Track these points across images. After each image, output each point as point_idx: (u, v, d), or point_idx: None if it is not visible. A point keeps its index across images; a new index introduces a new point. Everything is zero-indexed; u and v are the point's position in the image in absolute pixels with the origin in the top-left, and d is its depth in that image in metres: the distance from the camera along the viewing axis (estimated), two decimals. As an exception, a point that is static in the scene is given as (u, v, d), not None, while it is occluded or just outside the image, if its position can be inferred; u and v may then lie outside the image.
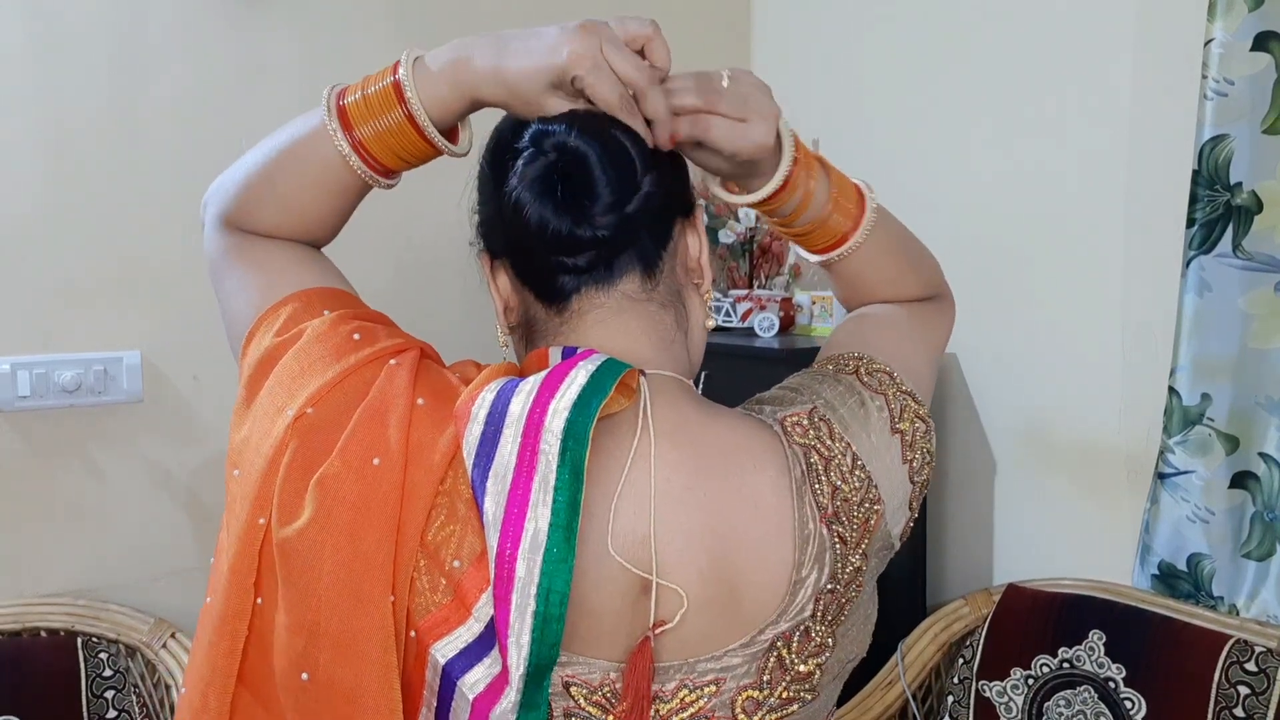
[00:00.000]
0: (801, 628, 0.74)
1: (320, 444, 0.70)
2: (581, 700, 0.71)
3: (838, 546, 0.75)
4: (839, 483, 0.76)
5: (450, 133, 0.79)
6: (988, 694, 1.66)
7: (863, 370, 0.83)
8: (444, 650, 0.68)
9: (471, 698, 0.68)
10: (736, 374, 0.95)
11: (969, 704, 1.67)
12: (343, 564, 0.67)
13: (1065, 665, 1.61)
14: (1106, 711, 1.56)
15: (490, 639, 0.68)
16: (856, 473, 0.77)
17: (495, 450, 0.68)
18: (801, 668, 0.74)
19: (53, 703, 1.56)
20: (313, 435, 0.70)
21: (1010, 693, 1.64)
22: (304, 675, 0.68)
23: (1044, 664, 1.62)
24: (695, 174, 0.83)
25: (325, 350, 0.74)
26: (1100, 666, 1.58)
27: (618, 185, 0.74)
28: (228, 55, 1.75)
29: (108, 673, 1.61)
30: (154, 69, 1.71)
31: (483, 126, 0.81)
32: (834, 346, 0.89)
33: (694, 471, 0.73)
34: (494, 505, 0.67)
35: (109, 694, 1.60)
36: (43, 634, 1.63)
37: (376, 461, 0.69)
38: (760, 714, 0.73)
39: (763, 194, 0.81)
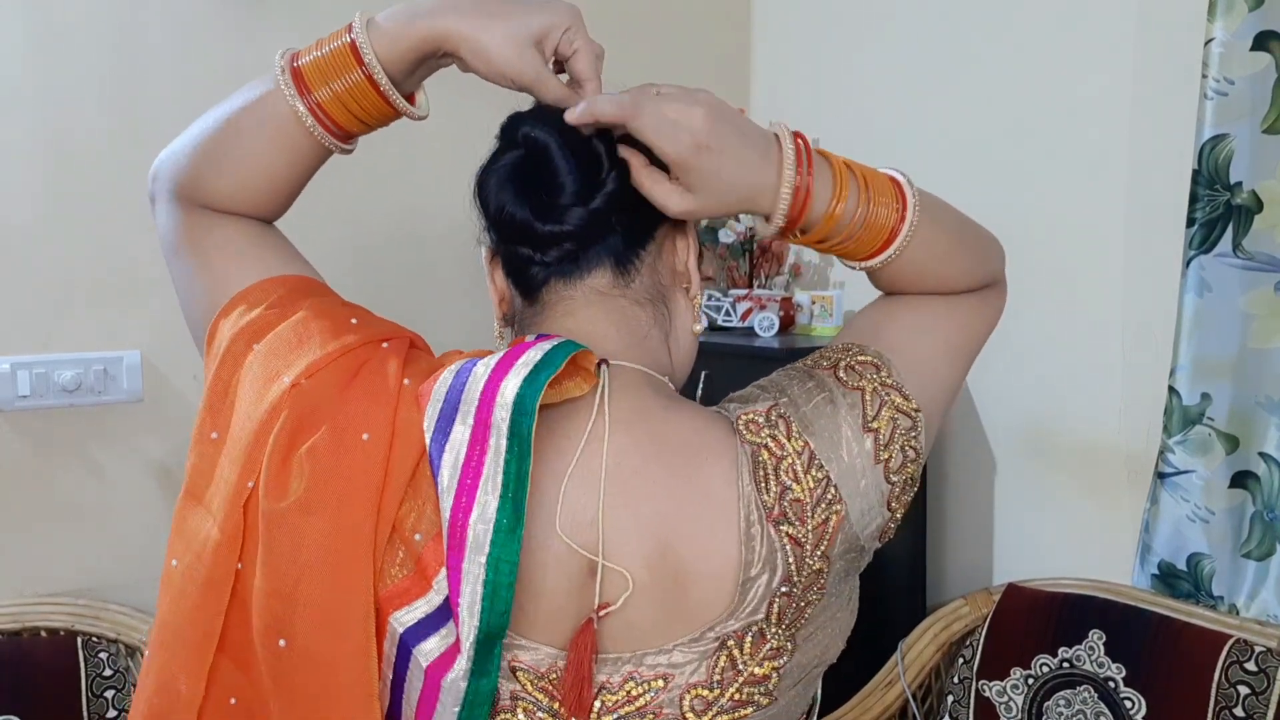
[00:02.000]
0: (754, 629, 0.73)
1: (311, 415, 0.72)
2: (528, 685, 0.72)
3: (789, 548, 0.73)
4: (790, 483, 0.74)
5: (408, 98, 0.79)
6: (988, 694, 1.66)
7: (842, 365, 0.80)
8: (402, 620, 0.70)
9: (425, 665, 0.69)
10: (736, 374, 0.95)
11: (969, 704, 1.67)
12: (328, 534, 0.69)
13: (1065, 665, 1.61)
14: (1106, 711, 1.56)
15: (449, 611, 0.69)
16: (812, 473, 0.75)
17: (452, 425, 0.70)
18: (756, 670, 0.73)
19: (53, 703, 1.56)
20: (305, 406, 0.72)
21: (1010, 692, 1.64)
22: (281, 641, 0.69)
23: (1044, 664, 1.63)
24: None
25: (324, 327, 0.76)
26: (1100, 666, 1.58)
27: (581, 181, 0.75)
28: (228, 55, 1.75)
29: (108, 672, 1.61)
30: (154, 69, 1.71)
31: (483, 127, 0.81)
32: (843, 334, 0.86)
33: (646, 458, 0.74)
34: (449, 475, 0.69)
35: (109, 694, 1.60)
36: (43, 634, 1.63)
37: (366, 436, 0.71)
38: (711, 714, 0.73)
39: (777, 220, 0.76)
